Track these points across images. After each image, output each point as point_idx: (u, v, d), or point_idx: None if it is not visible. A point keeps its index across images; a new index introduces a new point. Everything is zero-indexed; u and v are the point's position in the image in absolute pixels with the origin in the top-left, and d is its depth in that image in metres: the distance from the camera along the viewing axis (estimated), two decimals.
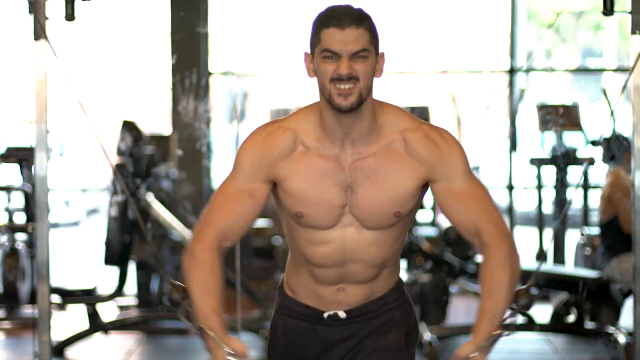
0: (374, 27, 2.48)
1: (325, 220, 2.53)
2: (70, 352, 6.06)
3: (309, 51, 2.50)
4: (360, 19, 2.43)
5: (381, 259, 2.58)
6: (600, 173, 6.89)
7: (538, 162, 7.38)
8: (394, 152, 2.51)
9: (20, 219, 7.03)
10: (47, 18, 4.07)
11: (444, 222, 6.89)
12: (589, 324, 6.08)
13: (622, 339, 5.74)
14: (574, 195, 7.68)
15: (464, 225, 2.54)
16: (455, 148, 2.53)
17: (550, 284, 6.34)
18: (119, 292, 6.57)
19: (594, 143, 6.82)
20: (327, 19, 2.43)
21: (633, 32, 4.02)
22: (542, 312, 6.41)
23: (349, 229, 2.54)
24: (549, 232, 7.52)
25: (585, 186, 7.30)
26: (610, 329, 5.93)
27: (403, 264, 6.76)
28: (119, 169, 6.48)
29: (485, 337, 2.56)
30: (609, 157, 6.34)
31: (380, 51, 2.50)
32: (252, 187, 2.53)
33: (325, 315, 2.63)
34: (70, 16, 4.06)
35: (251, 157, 2.53)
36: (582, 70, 11.88)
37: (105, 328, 6.27)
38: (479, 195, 2.53)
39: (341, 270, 2.57)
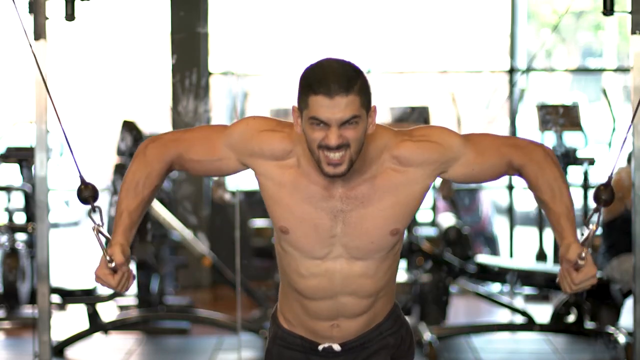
0: (365, 86, 2.36)
1: (313, 245, 2.49)
2: (70, 352, 6.06)
3: (296, 105, 2.41)
4: (350, 84, 2.31)
5: (374, 290, 2.55)
6: (600, 173, 6.89)
7: None
8: (388, 172, 2.48)
9: (20, 219, 7.02)
10: (47, 18, 4.07)
11: (444, 222, 6.89)
12: (589, 324, 6.08)
13: (622, 339, 5.74)
14: (575, 195, 7.68)
15: (500, 173, 2.54)
16: (442, 133, 2.52)
17: (550, 284, 6.34)
18: (119, 292, 6.56)
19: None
20: (315, 85, 2.31)
21: (633, 32, 4.02)
22: (542, 312, 6.42)
23: (339, 261, 2.50)
24: (549, 232, 7.52)
25: (585, 186, 7.29)
26: (610, 329, 5.93)
27: (403, 264, 6.77)
28: (119, 169, 6.48)
29: (575, 233, 2.45)
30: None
31: (372, 105, 2.40)
32: (227, 155, 2.52)
33: (320, 347, 2.61)
34: (70, 16, 4.06)
35: (243, 135, 2.51)
36: (582, 70, 11.87)
37: (105, 328, 6.28)
38: (487, 143, 2.52)
39: (333, 303, 2.54)
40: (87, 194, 2.57)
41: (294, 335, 2.63)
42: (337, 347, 2.60)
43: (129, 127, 6.62)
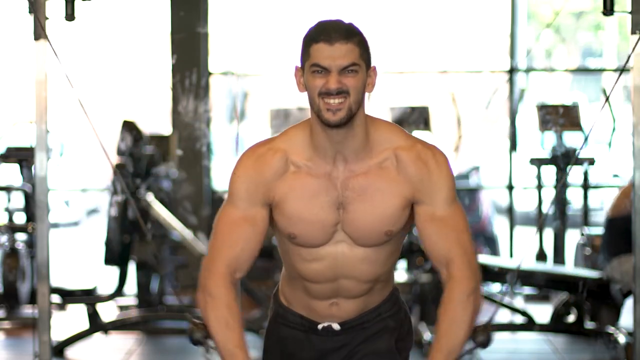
0: (364, 42, 2.45)
1: (318, 238, 2.52)
2: (70, 352, 6.06)
3: (299, 65, 2.49)
4: (350, 34, 2.42)
5: (374, 275, 2.57)
6: (600, 173, 6.90)
7: (538, 162, 7.37)
8: (386, 170, 2.49)
9: (20, 219, 7.03)
10: (47, 18, 4.07)
11: None
12: (589, 324, 6.08)
13: (622, 339, 5.74)
14: (575, 196, 7.68)
15: (435, 252, 2.53)
16: (444, 172, 2.51)
17: (550, 284, 6.34)
18: (119, 292, 6.57)
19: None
20: (316, 34, 2.42)
21: (633, 32, 4.02)
22: (542, 312, 6.42)
23: (341, 245, 2.52)
24: (549, 232, 7.52)
25: (585, 186, 7.30)
26: (610, 329, 5.93)
27: (403, 264, 6.77)
28: (119, 169, 6.48)
29: None
30: None
31: (372, 65, 2.49)
32: (252, 213, 2.52)
33: (320, 327, 2.63)
34: (70, 16, 4.06)
35: (246, 183, 2.52)
36: (582, 70, 11.88)
37: (105, 328, 6.27)
38: (458, 226, 2.53)
39: (334, 285, 2.57)
40: (199, 335, 2.61)
41: (294, 314, 2.65)
42: (336, 326, 2.62)
43: (129, 127, 6.62)
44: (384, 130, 2.51)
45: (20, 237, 6.80)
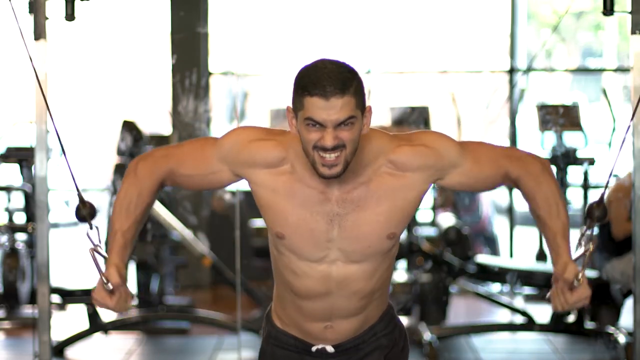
0: (360, 87, 2.35)
1: (309, 249, 2.48)
2: (70, 352, 6.06)
3: (290, 106, 2.41)
4: (345, 85, 2.31)
5: (369, 291, 2.54)
6: (600, 173, 6.90)
7: None
8: (384, 176, 2.47)
9: (20, 219, 7.02)
10: (47, 18, 4.07)
11: (444, 222, 6.89)
12: (589, 324, 6.08)
13: (622, 339, 5.75)
14: (575, 196, 7.68)
15: (495, 184, 2.54)
16: (439, 139, 2.50)
17: (550, 284, 6.33)
18: None
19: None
20: (311, 87, 2.31)
21: (633, 32, 4.02)
22: (542, 312, 6.41)
23: (336, 264, 2.50)
24: None
25: (585, 186, 7.30)
26: (610, 329, 5.93)
27: (403, 264, 6.77)
28: (119, 169, 6.49)
29: (570, 252, 2.46)
30: None
31: (367, 105, 2.40)
32: (220, 168, 2.51)
33: (314, 349, 2.61)
34: (70, 16, 4.06)
35: (234, 147, 2.50)
36: (582, 70, 11.86)
37: (105, 328, 6.27)
38: (484, 152, 2.51)
39: (328, 303, 2.53)
40: (85, 212, 2.59)
41: (288, 335, 2.63)
42: (330, 348, 2.60)
43: (129, 127, 6.62)
44: (370, 142, 2.47)
45: (20, 237, 6.80)
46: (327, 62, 2.35)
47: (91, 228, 2.57)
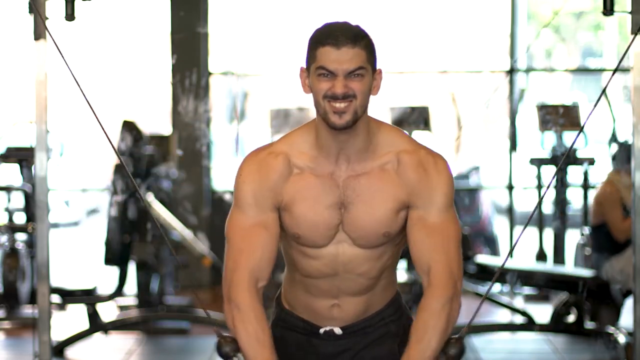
0: (371, 45, 2.45)
1: (321, 238, 2.52)
2: (70, 352, 6.06)
3: (304, 66, 2.47)
4: (357, 38, 2.41)
5: (375, 273, 2.57)
6: (600, 173, 6.90)
7: (538, 162, 7.37)
8: (387, 172, 2.49)
9: (20, 219, 7.02)
10: (47, 18, 4.07)
11: None
12: (589, 324, 6.08)
13: (622, 339, 5.75)
14: (575, 195, 7.69)
15: (419, 258, 2.51)
16: (443, 180, 2.50)
17: (550, 284, 6.34)
18: (119, 292, 6.57)
19: (618, 140, 6.70)
20: (324, 37, 2.40)
21: (633, 32, 4.02)
22: (542, 312, 6.42)
23: (342, 245, 2.53)
24: (549, 232, 7.52)
25: (585, 186, 7.30)
26: (610, 329, 5.93)
27: (403, 264, 6.77)
28: (118, 169, 6.48)
29: None
30: (614, 159, 6.35)
31: (377, 68, 2.48)
32: (264, 218, 2.50)
33: (321, 331, 2.62)
34: (70, 16, 4.06)
35: (253, 189, 2.50)
36: (582, 70, 11.88)
37: (105, 328, 6.28)
38: (447, 234, 2.50)
39: (335, 282, 2.56)
40: (227, 349, 2.50)
41: (296, 317, 2.65)
42: (338, 330, 2.61)
43: (129, 127, 6.62)
44: (389, 134, 2.52)
45: (20, 237, 6.80)
46: (341, 21, 2.45)
47: None
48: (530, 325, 6.20)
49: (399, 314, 2.68)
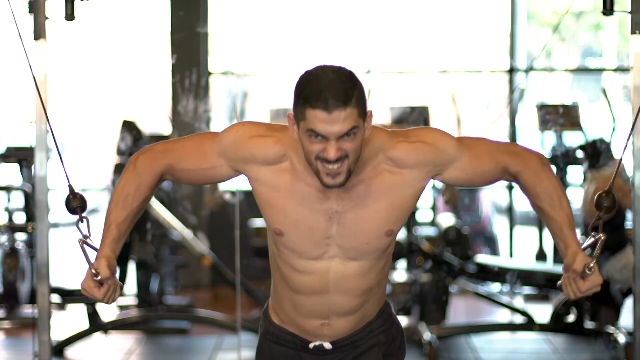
0: (361, 95, 2.33)
1: (308, 247, 2.48)
2: (70, 352, 6.06)
3: (292, 113, 2.40)
4: (348, 97, 2.29)
5: (367, 289, 2.55)
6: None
7: None
8: (384, 173, 2.47)
9: (20, 219, 7.03)
10: (47, 18, 4.07)
11: (444, 222, 6.89)
12: (589, 324, 6.08)
13: (622, 339, 5.75)
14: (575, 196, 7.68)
15: (495, 179, 2.54)
16: (437, 135, 2.50)
17: (550, 284, 6.34)
18: None
19: (582, 148, 6.79)
20: (313, 99, 2.29)
21: (633, 32, 4.02)
22: (542, 312, 6.42)
23: (334, 261, 2.50)
24: (549, 232, 7.51)
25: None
26: (610, 329, 5.93)
27: (403, 264, 6.77)
28: (118, 169, 6.48)
29: (578, 242, 2.47)
30: (596, 161, 6.36)
31: (368, 110, 2.38)
32: (220, 163, 2.51)
33: (311, 346, 2.61)
34: (70, 16, 4.06)
35: (234, 142, 2.50)
36: (582, 70, 11.86)
37: (105, 328, 6.28)
38: (482, 147, 2.51)
39: (325, 300, 2.54)
40: (75, 204, 2.59)
41: (286, 332, 2.63)
42: (328, 345, 2.60)
43: (129, 127, 6.62)
44: (370, 140, 2.46)
45: (20, 237, 6.80)
46: (329, 70, 2.32)
47: (81, 220, 2.57)
48: (530, 325, 6.20)
49: (389, 325, 2.67)
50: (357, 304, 2.56)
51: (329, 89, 2.29)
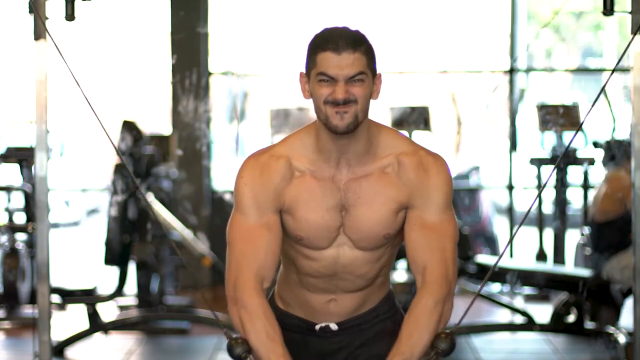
0: (371, 50, 2.45)
1: (323, 241, 2.53)
2: (70, 352, 6.06)
3: (303, 71, 2.46)
4: (357, 43, 2.41)
5: (373, 273, 2.59)
6: (599, 173, 6.90)
7: (538, 162, 7.37)
8: (387, 175, 2.50)
9: (20, 219, 7.03)
10: (47, 18, 4.07)
11: None
12: (589, 324, 6.08)
13: (622, 339, 5.75)
14: (575, 195, 7.69)
15: (415, 257, 2.51)
16: (442, 180, 2.51)
17: (550, 284, 6.34)
18: (119, 292, 6.57)
19: (595, 144, 6.81)
20: (323, 43, 2.40)
21: (633, 32, 4.02)
22: (542, 312, 6.42)
23: (343, 247, 2.54)
24: (549, 232, 7.52)
25: (585, 186, 7.30)
26: (610, 329, 5.93)
27: (403, 264, 6.77)
28: (118, 169, 6.48)
29: None
30: (608, 159, 6.36)
31: (377, 72, 2.48)
32: (265, 220, 2.51)
33: (317, 327, 2.63)
34: (70, 16, 4.06)
35: (255, 192, 2.50)
36: (582, 70, 11.88)
37: (105, 328, 6.28)
38: (445, 234, 2.51)
39: (333, 281, 2.58)
40: (239, 350, 2.49)
41: (291, 316, 2.65)
42: (334, 326, 2.62)
43: (129, 127, 6.62)
44: (388, 136, 2.53)
45: (20, 237, 6.80)
46: (341, 26, 2.45)
47: None
48: (530, 325, 6.20)
49: (393, 311, 2.69)
50: (363, 284, 2.59)
51: (339, 34, 2.42)
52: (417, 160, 2.51)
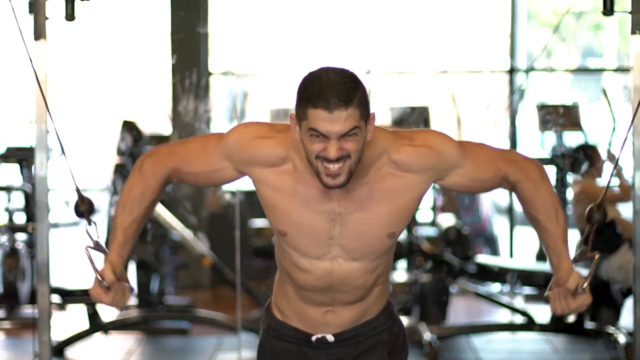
0: (364, 97, 2.33)
1: (311, 247, 2.49)
2: (70, 352, 6.06)
3: (294, 113, 2.38)
4: (349, 96, 2.29)
5: (370, 283, 2.57)
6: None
7: None
8: (386, 175, 2.47)
9: (20, 219, 7.03)
10: (47, 18, 4.07)
11: (444, 222, 6.89)
12: (589, 324, 6.08)
13: (622, 339, 5.75)
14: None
15: (493, 186, 2.55)
16: (441, 140, 2.50)
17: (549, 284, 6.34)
18: None
19: (563, 155, 6.82)
20: (314, 99, 2.28)
21: (633, 32, 4.02)
22: (542, 312, 6.42)
23: (337, 260, 2.51)
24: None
25: None
26: (610, 329, 5.94)
27: (403, 264, 6.77)
28: (119, 169, 6.49)
29: (569, 258, 2.50)
30: (577, 166, 6.41)
31: (370, 113, 2.38)
32: (223, 165, 2.52)
33: (313, 338, 2.61)
34: (70, 16, 4.06)
35: (237, 144, 2.49)
36: (582, 70, 11.87)
37: (105, 328, 6.28)
38: (483, 155, 2.52)
39: (329, 293, 2.56)
40: (83, 208, 2.60)
41: (287, 326, 2.64)
42: (330, 337, 2.60)
43: (129, 127, 6.62)
44: (373, 142, 2.46)
45: (20, 237, 6.80)
46: (331, 71, 2.33)
47: (90, 224, 2.58)
48: (530, 325, 6.20)
49: (392, 322, 2.67)
50: (360, 295, 2.58)
51: (330, 89, 2.29)
52: (408, 148, 2.47)
